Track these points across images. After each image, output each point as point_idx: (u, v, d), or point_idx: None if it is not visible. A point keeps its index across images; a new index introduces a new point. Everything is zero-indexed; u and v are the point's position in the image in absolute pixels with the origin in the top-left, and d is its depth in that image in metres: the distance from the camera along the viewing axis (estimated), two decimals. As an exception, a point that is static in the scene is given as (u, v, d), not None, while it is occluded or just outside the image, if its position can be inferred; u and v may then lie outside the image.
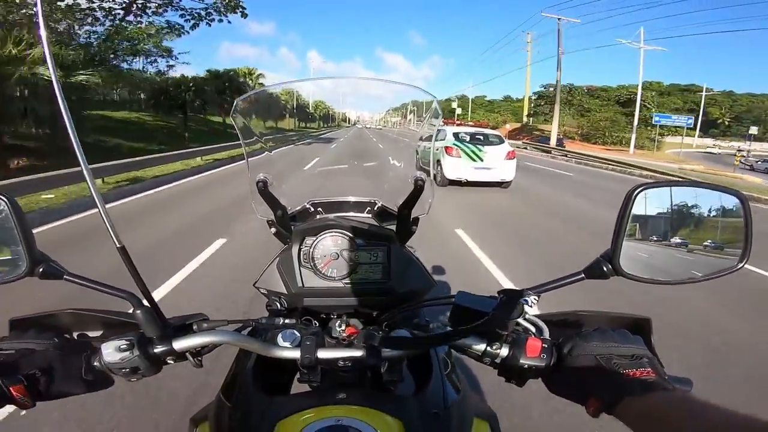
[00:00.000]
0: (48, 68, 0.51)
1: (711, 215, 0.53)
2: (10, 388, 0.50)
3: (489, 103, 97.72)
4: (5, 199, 0.50)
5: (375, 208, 0.96)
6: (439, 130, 8.05)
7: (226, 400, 0.63)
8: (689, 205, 0.54)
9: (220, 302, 3.18)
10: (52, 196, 7.04)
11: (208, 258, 4.20)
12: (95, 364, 0.58)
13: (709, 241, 0.53)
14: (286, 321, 0.72)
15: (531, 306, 0.53)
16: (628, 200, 0.51)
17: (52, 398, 0.56)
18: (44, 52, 0.50)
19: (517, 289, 0.55)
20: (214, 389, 0.68)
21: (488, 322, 0.54)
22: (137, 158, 10.56)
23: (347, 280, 0.77)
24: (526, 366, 0.56)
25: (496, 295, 0.58)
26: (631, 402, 0.47)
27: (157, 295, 3.39)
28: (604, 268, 0.53)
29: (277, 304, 0.78)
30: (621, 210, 0.51)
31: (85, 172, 0.49)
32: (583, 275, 0.55)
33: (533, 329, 0.61)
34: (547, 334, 0.60)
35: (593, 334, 0.57)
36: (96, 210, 0.51)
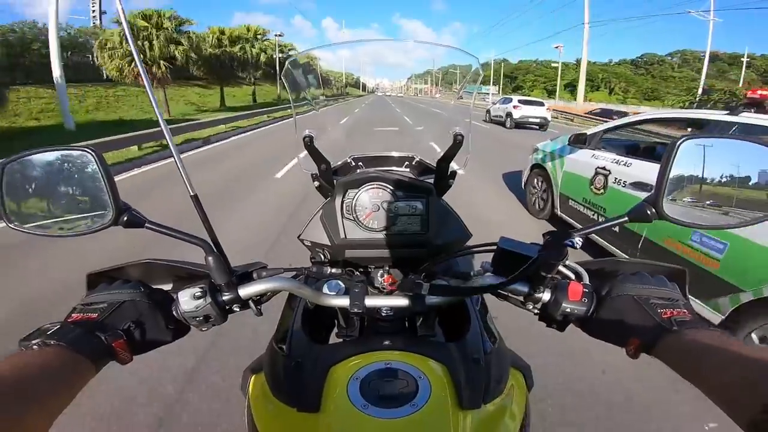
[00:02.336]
0: (130, 45, 0.57)
1: (750, 167, 0.55)
2: (113, 344, 0.52)
3: (564, 66, 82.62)
4: (92, 153, 0.53)
5: (413, 163, 0.99)
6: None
7: (279, 350, 0.66)
8: (730, 157, 0.55)
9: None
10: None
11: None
12: (173, 313, 0.60)
13: (746, 190, 0.55)
14: (333, 271, 0.76)
15: (576, 247, 0.55)
16: (672, 149, 0.52)
17: (146, 350, 0.58)
18: (125, 30, 0.55)
19: (562, 231, 0.57)
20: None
21: (536, 263, 0.56)
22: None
23: (387, 232, 0.79)
24: (568, 310, 0.58)
25: (539, 241, 0.60)
26: (670, 340, 0.49)
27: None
28: (648, 212, 0.55)
29: (321, 255, 0.82)
30: (664, 158, 0.53)
31: (162, 126, 0.54)
32: (626, 218, 0.57)
33: (573, 276, 0.63)
34: (587, 280, 0.62)
35: (631, 277, 0.59)
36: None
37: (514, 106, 17.53)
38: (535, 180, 4.94)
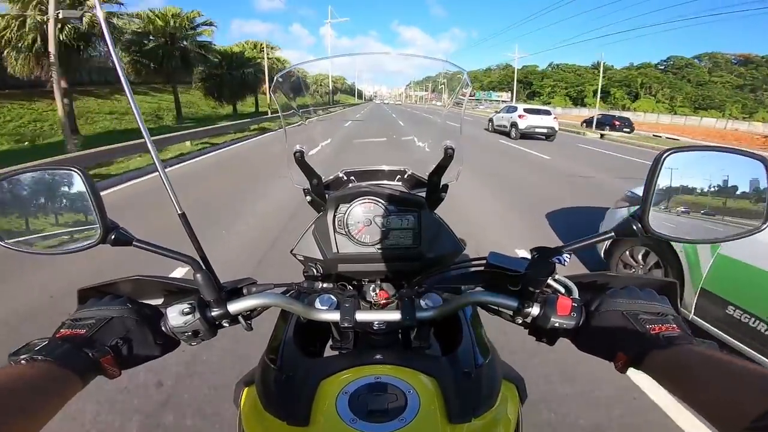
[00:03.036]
0: (111, 54, 0.53)
1: (736, 179, 0.55)
2: (101, 360, 0.53)
3: (583, 70, 64.76)
4: (79, 172, 0.54)
5: (405, 176, 0.99)
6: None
7: (270, 363, 0.67)
8: (716, 168, 0.55)
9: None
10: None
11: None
12: (162, 328, 0.61)
13: (734, 202, 0.55)
14: (324, 285, 0.76)
15: (564, 264, 0.55)
16: (657, 163, 0.52)
17: (134, 365, 0.59)
18: (106, 40, 0.53)
19: (550, 247, 0.57)
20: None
21: (523, 278, 0.56)
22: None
23: (379, 246, 0.79)
24: (557, 324, 0.58)
25: (528, 256, 0.61)
26: (657, 355, 0.49)
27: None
28: (634, 227, 0.55)
29: (313, 270, 0.82)
30: (650, 172, 0.53)
31: (148, 143, 0.54)
32: (613, 234, 0.57)
33: (563, 290, 0.63)
34: (576, 294, 0.62)
35: (620, 292, 0.59)
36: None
37: (520, 116, 16.55)
38: (633, 253, 3.12)
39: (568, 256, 0.56)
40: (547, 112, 17.44)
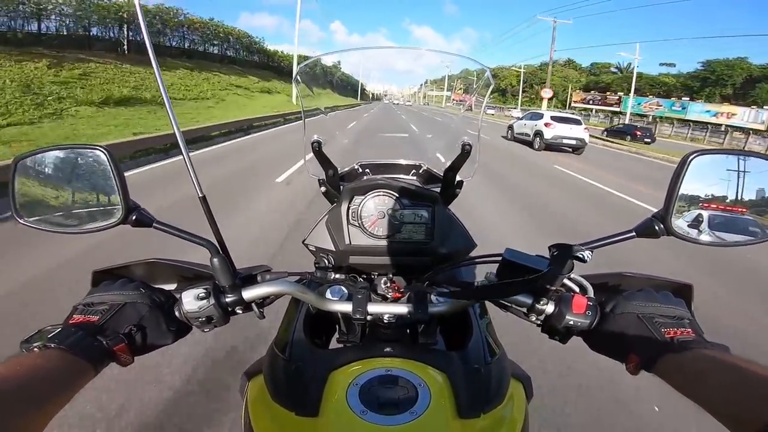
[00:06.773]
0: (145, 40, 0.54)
1: (763, 184, 0.54)
2: (114, 349, 0.52)
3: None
4: (105, 152, 0.54)
5: (420, 171, 0.98)
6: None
7: (280, 353, 0.66)
8: (743, 173, 0.55)
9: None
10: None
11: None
12: (175, 314, 0.61)
13: (759, 207, 0.54)
14: (336, 276, 0.76)
15: (586, 260, 0.54)
16: (683, 164, 0.52)
17: (147, 352, 0.58)
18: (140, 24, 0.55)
19: (569, 244, 0.56)
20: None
21: (542, 276, 0.55)
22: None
23: (392, 239, 0.79)
24: (571, 323, 0.58)
25: (545, 254, 0.60)
26: (671, 359, 0.49)
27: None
28: (656, 227, 0.54)
29: (325, 261, 0.81)
30: (675, 173, 0.52)
31: (174, 127, 0.54)
32: (634, 233, 0.56)
33: (577, 288, 0.63)
34: (591, 293, 0.61)
35: (636, 294, 0.58)
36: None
37: (546, 124, 14.67)
38: None
39: (590, 253, 0.55)
40: (578, 122, 15.37)
